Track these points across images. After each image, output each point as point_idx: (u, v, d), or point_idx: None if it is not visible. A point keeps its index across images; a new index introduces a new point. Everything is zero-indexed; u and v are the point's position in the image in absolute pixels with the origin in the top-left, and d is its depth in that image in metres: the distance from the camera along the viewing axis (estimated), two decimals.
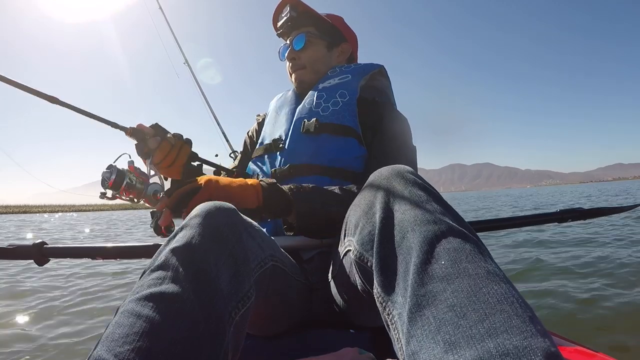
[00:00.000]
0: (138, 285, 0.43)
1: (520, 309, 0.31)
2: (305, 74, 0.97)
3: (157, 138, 0.80)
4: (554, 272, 2.62)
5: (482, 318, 0.31)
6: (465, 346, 0.30)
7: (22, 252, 0.87)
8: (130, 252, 0.87)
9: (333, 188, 0.74)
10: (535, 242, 3.87)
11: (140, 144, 0.80)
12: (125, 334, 0.37)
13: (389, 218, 0.44)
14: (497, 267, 0.37)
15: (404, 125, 0.91)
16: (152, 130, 0.80)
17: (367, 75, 0.94)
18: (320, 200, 0.71)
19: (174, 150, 0.82)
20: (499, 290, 0.33)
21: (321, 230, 0.71)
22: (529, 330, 0.30)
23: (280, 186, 0.70)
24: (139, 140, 0.80)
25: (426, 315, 0.34)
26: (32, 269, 3.44)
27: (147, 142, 0.79)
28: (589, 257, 2.99)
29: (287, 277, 0.63)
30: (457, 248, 0.37)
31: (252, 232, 0.55)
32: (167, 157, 0.82)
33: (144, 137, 0.79)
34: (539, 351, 0.28)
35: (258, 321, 0.65)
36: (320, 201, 0.70)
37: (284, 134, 0.92)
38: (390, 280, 0.40)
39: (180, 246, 0.45)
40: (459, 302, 0.33)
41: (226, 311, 0.44)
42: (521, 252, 3.39)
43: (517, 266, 2.84)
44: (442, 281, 0.35)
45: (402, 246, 0.40)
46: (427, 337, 0.33)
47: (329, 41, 0.99)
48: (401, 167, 0.51)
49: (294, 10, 0.95)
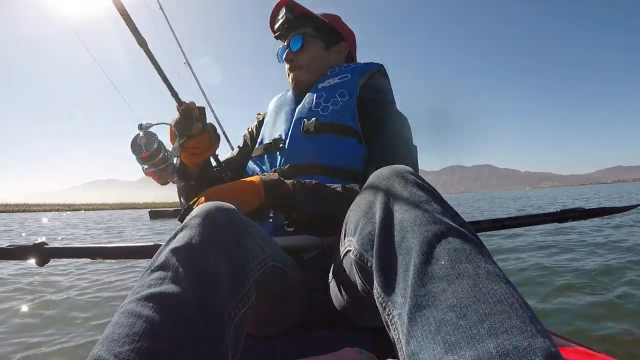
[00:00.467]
0: (138, 285, 0.43)
1: (520, 309, 0.31)
2: (302, 75, 0.97)
3: (199, 124, 0.75)
4: (553, 272, 2.62)
5: (482, 318, 0.31)
6: (465, 346, 0.30)
7: (22, 253, 0.87)
8: (130, 253, 0.86)
9: (335, 186, 0.75)
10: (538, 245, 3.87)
11: (184, 122, 0.73)
12: (125, 334, 0.37)
13: (389, 218, 0.44)
14: (497, 268, 0.37)
15: (404, 125, 0.91)
16: (198, 114, 0.75)
17: (366, 74, 0.94)
18: (323, 196, 0.71)
19: (210, 143, 0.79)
20: (499, 291, 0.33)
21: (322, 227, 0.72)
22: (529, 331, 0.30)
23: (283, 180, 0.70)
24: (185, 118, 0.74)
25: (426, 316, 0.34)
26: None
27: (193, 125, 0.74)
28: (590, 257, 3.00)
29: (287, 277, 0.63)
30: (457, 248, 0.37)
31: (252, 232, 0.55)
32: (201, 147, 0.77)
33: (191, 118, 0.74)
34: (539, 351, 0.28)
35: (258, 321, 0.65)
36: (323, 197, 0.71)
37: (284, 133, 0.92)
38: (390, 281, 0.40)
39: (181, 246, 0.45)
40: (459, 303, 0.33)
41: (226, 311, 0.44)
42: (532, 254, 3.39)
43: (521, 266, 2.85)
44: (442, 281, 0.35)
45: (402, 246, 0.40)
46: (427, 337, 0.33)
47: (326, 41, 0.99)
48: (401, 167, 0.51)
49: (289, 12, 0.95)
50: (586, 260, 2.96)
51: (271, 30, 1.03)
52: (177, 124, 0.73)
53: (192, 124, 0.73)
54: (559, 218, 0.97)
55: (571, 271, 2.61)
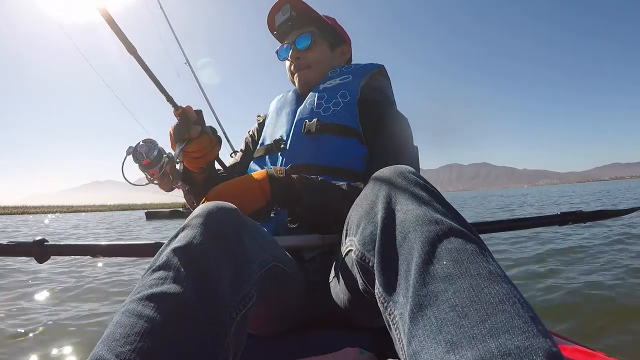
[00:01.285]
0: (140, 285, 0.43)
1: (521, 310, 0.31)
2: (309, 74, 0.97)
3: (198, 127, 0.74)
4: (554, 272, 2.62)
5: (484, 318, 0.31)
6: (467, 346, 0.30)
7: (22, 249, 0.86)
8: (131, 251, 0.85)
9: (341, 183, 0.75)
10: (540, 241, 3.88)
11: (182, 126, 0.73)
12: (127, 334, 0.37)
13: (390, 218, 0.44)
14: (499, 268, 0.37)
15: (405, 126, 0.91)
16: (196, 117, 0.75)
17: (367, 75, 0.94)
18: (328, 192, 0.71)
19: (210, 145, 0.77)
20: (500, 291, 0.33)
21: (326, 223, 0.71)
22: (530, 331, 0.30)
23: (291, 175, 0.70)
24: (183, 123, 0.73)
25: (428, 315, 0.34)
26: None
27: (190, 129, 0.73)
28: (590, 258, 3.00)
29: (288, 277, 0.63)
30: (459, 248, 0.37)
31: (253, 232, 0.55)
32: (202, 150, 0.77)
33: (189, 122, 0.73)
34: (540, 351, 0.28)
35: (259, 321, 0.65)
36: (328, 193, 0.71)
37: (285, 134, 0.92)
38: (392, 280, 0.40)
39: (182, 246, 0.45)
40: (461, 302, 0.33)
41: (227, 312, 0.44)
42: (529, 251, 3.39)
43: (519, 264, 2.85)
44: (443, 281, 0.35)
45: (404, 246, 0.40)
46: (429, 337, 0.33)
47: (331, 42, 0.99)
48: (403, 167, 0.51)
49: (294, 9, 0.95)
50: (587, 257, 2.97)
51: (269, 29, 1.02)
52: (175, 129, 0.73)
53: (190, 128, 0.73)
54: (559, 221, 0.97)
55: (572, 270, 2.62)
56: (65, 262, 3.80)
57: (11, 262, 3.77)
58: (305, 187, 0.70)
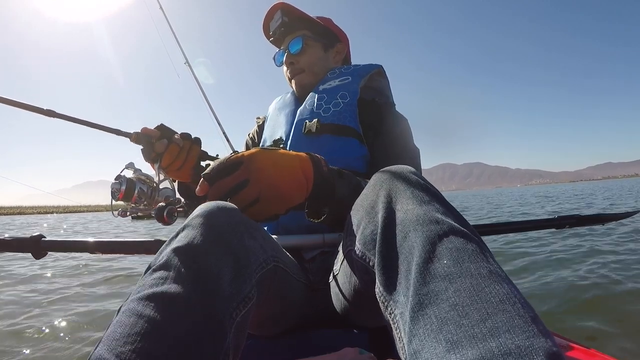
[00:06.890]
0: (140, 284, 0.43)
1: (522, 309, 0.32)
2: (305, 78, 0.98)
3: (163, 141, 0.74)
4: (554, 272, 2.63)
5: (485, 317, 0.31)
6: (467, 345, 0.30)
7: (19, 245, 0.85)
8: (129, 248, 0.84)
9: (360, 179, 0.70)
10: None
11: (146, 148, 0.75)
12: (127, 334, 0.37)
13: (391, 218, 0.44)
14: (499, 268, 0.37)
15: (405, 126, 0.91)
16: (158, 132, 0.75)
17: (366, 76, 0.95)
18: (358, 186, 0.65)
19: (183, 152, 0.77)
20: (501, 290, 0.33)
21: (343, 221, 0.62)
22: (531, 330, 0.30)
23: (329, 166, 0.64)
24: (144, 145, 0.75)
25: (428, 315, 0.34)
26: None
27: (154, 146, 0.74)
28: (590, 258, 3.01)
29: (289, 277, 0.63)
30: (459, 248, 0.37)
31: (253, 232, 0.55)
32: (176, 160, 0.77)
33: (150, 141, 0.74)
34: (541, 351, 0.28)
35: (259, 321, 0.65)
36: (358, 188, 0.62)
37: (285, 135, 0.92)
38: (392, 280, 0.40)
39: (182, 246, 0.45)
40: (461, 302, 0.33)
41: (227, 312, 0.44)
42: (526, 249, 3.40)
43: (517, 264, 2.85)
44: (444, 280, 0.35)
45: (404, 246, 0.40)
46: (429, 336, 0.33)
47: (324, 43, 1.00)
48: (404, 167, 0.51)
49: (285, 15, 0.95)
50: (588, 257, 2.98)
51: (265, 36, 1.03)
52: (142, 153, 0.76)
53: (153, 145, 0.75)
54: (556, 224, 0.97)
55: (572, 270, 2.62)
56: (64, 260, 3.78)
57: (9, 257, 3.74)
58: (339, 183, 0.64)
